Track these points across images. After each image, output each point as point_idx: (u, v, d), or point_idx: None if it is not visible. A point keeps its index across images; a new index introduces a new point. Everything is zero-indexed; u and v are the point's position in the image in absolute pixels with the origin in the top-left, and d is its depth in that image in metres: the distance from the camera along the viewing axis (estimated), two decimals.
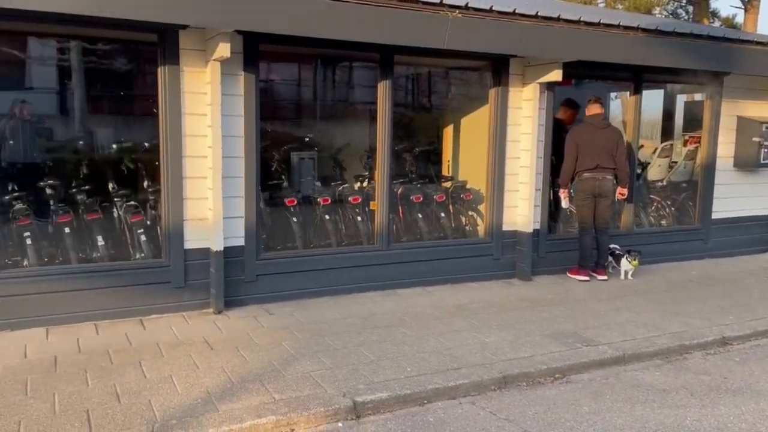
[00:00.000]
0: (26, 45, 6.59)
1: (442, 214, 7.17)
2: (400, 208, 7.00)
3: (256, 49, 5.50)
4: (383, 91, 6.18)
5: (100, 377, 4.07)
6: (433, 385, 4.12)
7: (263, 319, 5.37)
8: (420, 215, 7.03)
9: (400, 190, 6.99)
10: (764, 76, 7.78)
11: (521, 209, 6.92)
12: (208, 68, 5.28)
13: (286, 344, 4.78)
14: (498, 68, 6.70)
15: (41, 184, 5.79)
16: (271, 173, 6.78)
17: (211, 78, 5.23)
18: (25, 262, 5.28)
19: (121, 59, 6.91)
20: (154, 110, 5.34)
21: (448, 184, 7.51)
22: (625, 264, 7.11)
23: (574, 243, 7.15)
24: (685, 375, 4.64)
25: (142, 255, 5.68)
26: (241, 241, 5.64)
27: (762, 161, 8.18)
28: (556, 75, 6.39)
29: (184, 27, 5.14)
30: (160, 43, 5.20)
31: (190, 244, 5.46)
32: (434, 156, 8.08)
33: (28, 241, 5.29)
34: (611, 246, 7.26)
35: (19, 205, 5.44)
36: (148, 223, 5.88)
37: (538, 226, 6.99)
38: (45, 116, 6.96)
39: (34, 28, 5.75)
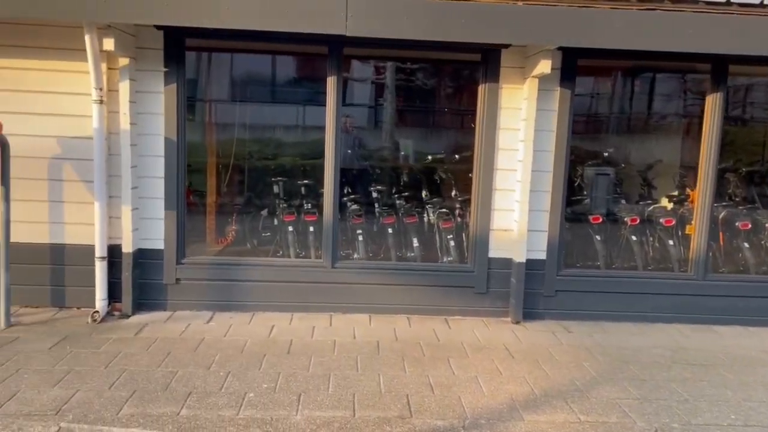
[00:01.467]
0: (350, 66, 7.58)
1: None
2: (720, 234, 6.25)
3: (573, 65, 5.48)
4: (713, 104, 5.61)
5: (415, 366, 4.50)
6: None
7: (562, 336, 5.31)
8: (746, 244, 6.17)
9: (722, 214, 6.24)
10: None
11: None
12: (525, 84, 5.44)
13: (587, 365, 4.66)
14: None
15: (370, 188, 6.63)
16: (573, 189, 6.66)
17: (528, 94, 5.37)
18: (356, 256, 6.10)
19: (439, 77, 7.52)
20: (472, 125, 5.69)
21: None
22: None
23: None
24: None
25: (450, 259, 6.11)
26: (542, 255, 5.68)
27: None
28: None
29: (507, 46, 5.37)
30: (483, 62, 5.53)
31: (493, 253, 5.69)
32: (766, 177, 7.01)
33: (360, 238, 6.11)
34: None
35: (353, 206, 6.32)
36: (455, 229, 6.30)
37: None
38: (366, 129, 7.93)
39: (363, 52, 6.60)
